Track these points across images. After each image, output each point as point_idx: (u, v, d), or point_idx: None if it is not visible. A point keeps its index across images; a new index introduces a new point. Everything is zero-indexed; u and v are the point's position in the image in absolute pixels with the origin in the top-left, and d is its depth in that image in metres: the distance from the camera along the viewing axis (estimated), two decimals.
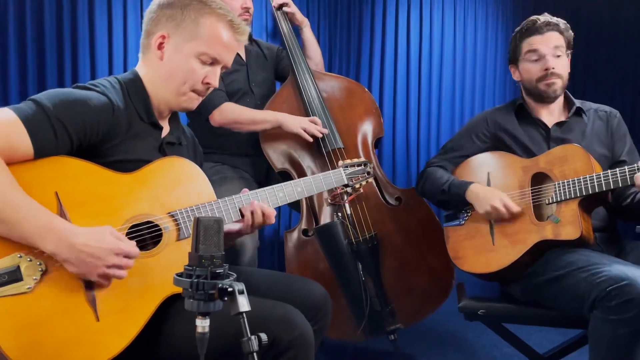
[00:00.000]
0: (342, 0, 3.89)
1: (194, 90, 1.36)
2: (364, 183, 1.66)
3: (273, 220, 1.41)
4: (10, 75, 3.16)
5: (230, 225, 1.45)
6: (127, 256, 1.14)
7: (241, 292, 0.91)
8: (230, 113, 2.31)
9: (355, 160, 1.69)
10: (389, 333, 2.23)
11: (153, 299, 1.20)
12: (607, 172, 1.69)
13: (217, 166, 2.44)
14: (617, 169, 1.68)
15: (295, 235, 2.30)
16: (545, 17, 1.94)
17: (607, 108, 2.02)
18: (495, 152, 1.99)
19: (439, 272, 2.26)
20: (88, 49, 3.26)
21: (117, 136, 1.26)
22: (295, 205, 2.54)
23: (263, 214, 1.39)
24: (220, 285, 0.90)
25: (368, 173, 1.67)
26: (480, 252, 1.88)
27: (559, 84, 1.91)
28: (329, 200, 2.28)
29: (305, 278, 1.60)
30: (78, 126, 1.18)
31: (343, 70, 3.94)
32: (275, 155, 2.38)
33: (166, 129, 1.43)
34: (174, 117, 1.47)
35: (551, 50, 1.89)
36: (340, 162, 1.65)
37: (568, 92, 2.01)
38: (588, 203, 1.76)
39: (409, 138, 4.11)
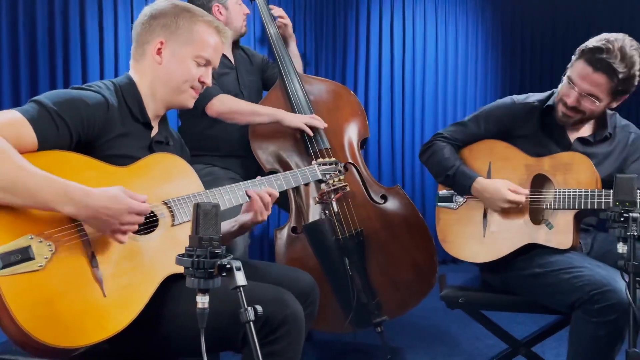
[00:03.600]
0: (327, 6, 4.01)
1: (192, 87, 1.51)
2: (336, 179, 1.84)
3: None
4: (3, 80, 3.21)
5: (243, 217, 1.59)
6: (139, 214, 1.25)
7: (238, 269, 1.00)
8: (231, 102, 2.38)
9: (327, 159, 1.87)
10: (375, 325, 2.32)
11: (154, 279, 1.31)
12: (609, 192, 1.67)
13: (208, 167, 2.53)
14: None
15: (284, 232, 2.39)
16: (614, 54, 1.70)
17: (632, 129, 1.96)
18: (501, 142, 1.97)
19: (422, 266, 2.36)
20: (79, 54, 3.33)
21: (111, 132, 1.38)
22: (284, 205, 2.63)
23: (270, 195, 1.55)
24: (219, 262, 0.99)
25: (339, 171, 1.83)
26: (469, 241, 1.94)
27: (574, 118, 1.84)
28: (317, 199, 2.37)
29: (292, 267, 1.70)
30: (76, 120, 1.30)
31: (329, 75, 4.05)
32: (265, 155, 2.47)
33: (155, 129, 1.55)
34: (162, 119, 1.59)
35: (585, 90, 1.76)
36: (314, 161, 1.82)
37: (606, 111, 1.92)
38: (582, 214, 1.83)
39: (393, 140, 4.24)
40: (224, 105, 2.36)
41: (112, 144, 1.38)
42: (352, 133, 2.54)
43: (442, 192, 2.04)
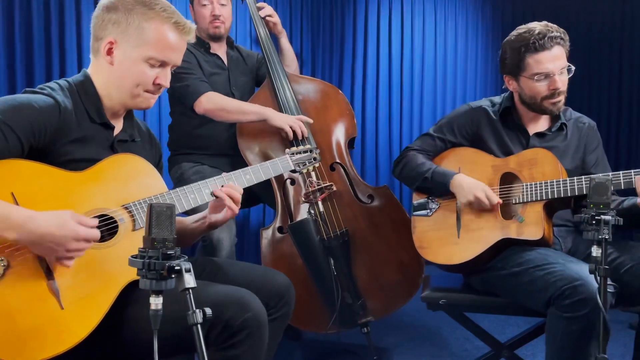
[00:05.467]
0: (324, 5, 4.00)
1: (146, 91, 1.43)
2: (311, 168, 1.75)
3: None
4: None
5: (212, 216, 1.52)
6: (87, 240, 1.21)
7: (188, 270, 1.00)
8: (218, 100, 2.38)
9: (301, 147, 1.76)
10: (360, 326, 2.32)
11: (113, 287, 1.28)
12: (574, 179, 1.77)
13: (197, 166, 2.53)
14: (583, 177, 1.76)
15: (270, 232, 2.39)
16: (546, 28, 1.87)
17: (586, 119, 2.06)
18: (468, 148, 2.04)
19: (408, 266, 2.34)
20: (75, 50, 3.34)
21: (65, 136, 1.33)
22: (273, 205, 2.62)
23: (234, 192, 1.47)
24: (168, 264, 0.98)
25: (314, 159, 1.75)
26: (444, 244, 1.95)
27: (563, 100, 1.92)
28: (303, 199, 2.36)
29: (268, 268, 1.68)
30: (26, 128, 1.25)
31: (326, 74, 4.03)
32: (252, 155, 2.47)
33: (119, 127, 1.49)
34: (128, 115, 1.53)
35: (558, 69, 1.86)
36: (287, 150, 1.72)
37: None
38: (552, 206, 1.84)
39: (391, 138, 4.22)
40: (212, 102, 2.36)
41: (69, 149, 1.33)
42: (339, 132, 2.53)
43: (417, 201, 2.08)
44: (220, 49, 2.61)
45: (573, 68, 1.91)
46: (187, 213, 1.55)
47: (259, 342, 1.30)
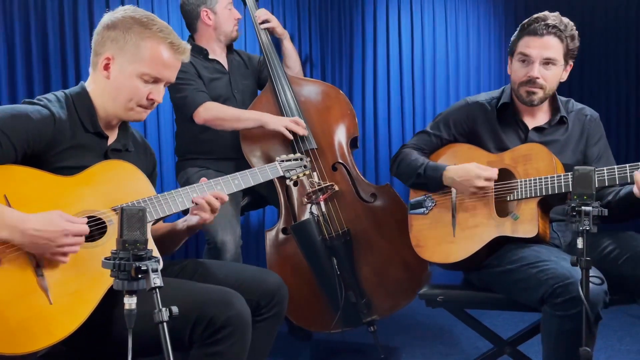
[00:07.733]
0: (332, 6, 4.01)
1: (140, 105, 1.50)
2: (301, 175, 1.79)
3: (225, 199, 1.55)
4: (17, 82, 3.35)
5: (192, 219, 1.58)
6: (76, 235, 1.28)
7: (154, 270, 1.03)
8: (215, 110, 2.44)
9: (292, 155, 1.82)
10: (367, 324, 2.32)
11: (101, 285, 1.33)
12: (568, 175, 1.73)
13: (202, 170, 2.57)
14: None
15: (274, 233, 2.42)
16: (549, 16, 1.84)
17: (588, 111, 2.00)
18: (464, 144, 2.03)
19: (412, 265, 2.33)
20: (89, 56, 3.43)
21: (59, 144, 1.40)
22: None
23: (217, 198, 1.53)
24: (135, 265, 1.02)
25: (305, 167, 1.79)
26: (440, 243, 1.95)
27: (539, 94, 1.86)
28: (305, 199, 2.39)
29: (260, 268, 1.71)
30: (21, 137, 1.34)
31: (336, 77, 4.04)
32: (255, 158, 2.50)
33: (113, 137, 1.56)
34: (123, 126, 1.60)
35: (542, 58, 1.82)
36: (277, 158, 1.77)
37: (558, 97, 1.98)
38: (547, 202, 1.82)
39: (404, 139, 4.19)
40: (209, 112, 2.42)
41: (62, 156, 1.40)
42: (341, 133, 2.54)
43: (413, 199, 2.07)
44: (220, 54, 2.65)
45: (569, 62, 1.87)
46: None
47: (241, 340, 1.34)
